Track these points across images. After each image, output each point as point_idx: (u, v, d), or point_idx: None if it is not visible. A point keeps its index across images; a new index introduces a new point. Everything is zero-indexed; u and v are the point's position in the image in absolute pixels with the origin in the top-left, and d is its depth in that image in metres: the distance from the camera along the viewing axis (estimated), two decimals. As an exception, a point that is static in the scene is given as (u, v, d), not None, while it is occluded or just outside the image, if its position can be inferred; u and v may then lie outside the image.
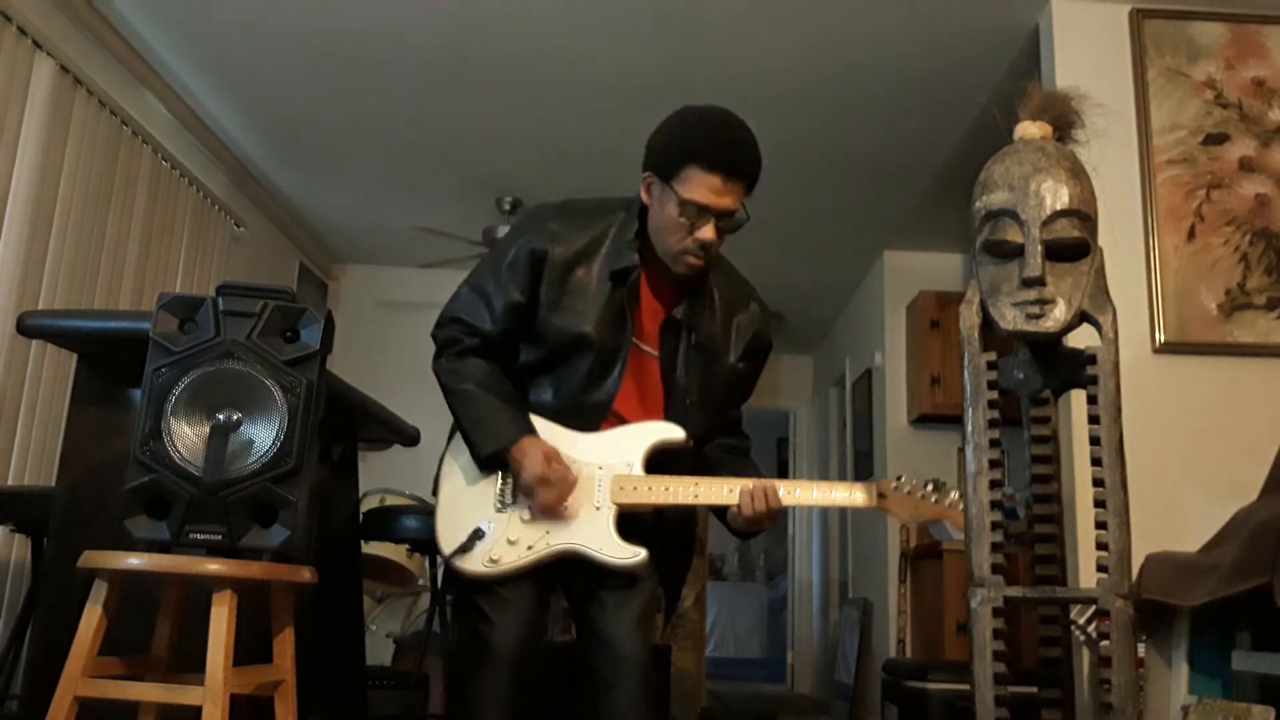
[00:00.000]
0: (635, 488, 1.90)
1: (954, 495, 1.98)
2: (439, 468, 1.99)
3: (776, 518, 1.92)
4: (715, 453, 2.08)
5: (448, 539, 1.89)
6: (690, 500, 1.91)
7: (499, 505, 1.91)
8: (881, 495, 1.96)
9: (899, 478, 1.98)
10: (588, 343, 1.92)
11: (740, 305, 2.06)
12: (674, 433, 1.94)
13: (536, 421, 1.94)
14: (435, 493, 1.98)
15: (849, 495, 1.95)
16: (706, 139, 1.86)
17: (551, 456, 1.87)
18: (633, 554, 1.87)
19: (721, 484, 1.92)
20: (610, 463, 1.92)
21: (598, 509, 1.89)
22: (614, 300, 1.94)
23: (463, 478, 1.95)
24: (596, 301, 1.93)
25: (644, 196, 1.95)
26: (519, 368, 1.99)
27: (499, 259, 1.99)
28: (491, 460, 1.89)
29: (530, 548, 1.87)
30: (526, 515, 1.89)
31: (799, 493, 1.92)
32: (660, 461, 1.94)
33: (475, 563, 1.87)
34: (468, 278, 2.03)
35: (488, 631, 1.86)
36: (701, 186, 1.85)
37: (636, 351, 1.97)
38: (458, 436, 1.98)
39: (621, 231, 1.97)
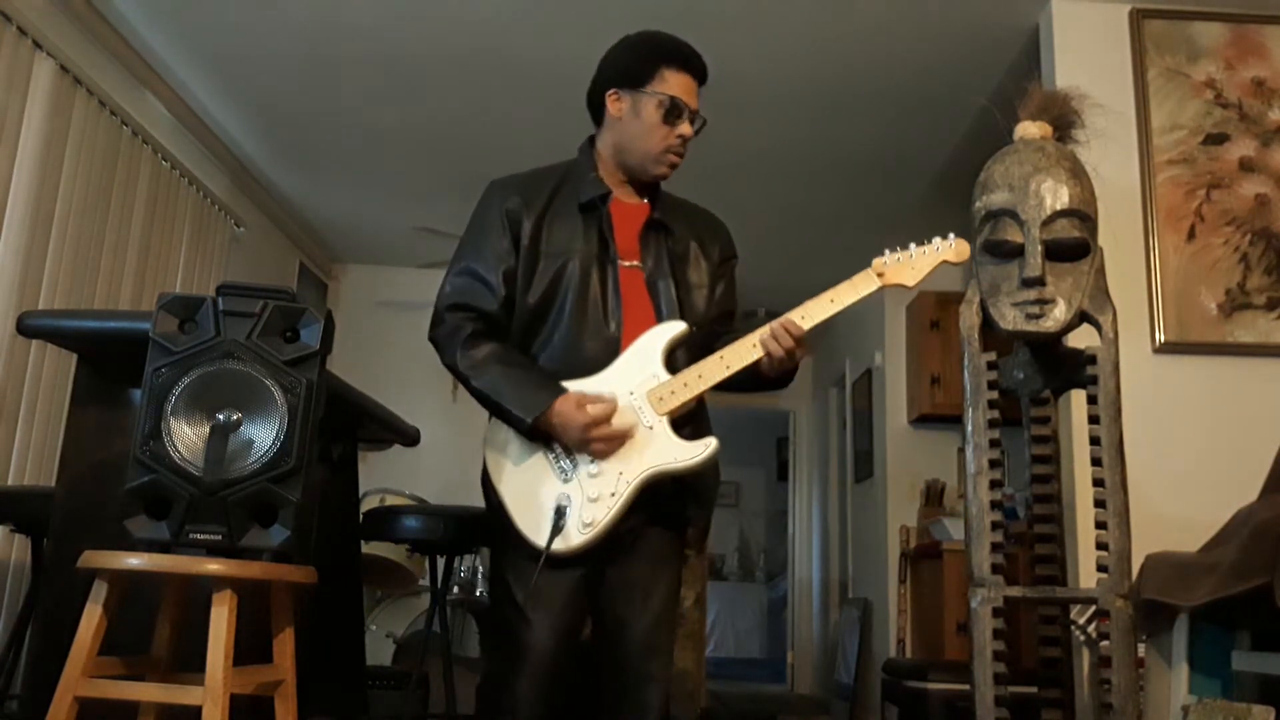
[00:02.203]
0: (672, 391, 1.93)
1: (948, 240, 2.05)
2: (484, 472, 1.98)
3: (805, 345, 1.97)
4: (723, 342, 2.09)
5: (534, 530, 1.88)
6: (724, 373, 1.95)
7: (563, 476, 1.91)
8: (880, 275, 2.02)
9: (885, 251, 2.04)
10: (573, 275, 1.96)
11: (700, 217, 2.16)
12: (675, 328, 1.97)
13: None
14: (491, 494, 1.96)
15: (855, 291, 2.00)
16: (674, 46, 2.06)
17: (584, 401, 1.88)
18: (704, 447, 1.92)
19: (742, 343, 1.96)
20: (636, 382, 1.94)
21: (651, 428, 1.92)
22: (589, 229, 2.01)
23: (515, 467, 1.94)
24: (574, 238, 2.00)
25: (613, 111, 2.05)
26: (522, 340, 2.00)
27: (476, 237, 2.02)
28: (534, 430, 1.89)
29: (614, 494, 1.89)
30: (594, 469, 1.90)
31: (813, 312, 1.98)
32: (678, 360, 1.98)
33: (573, 537, 1.87)
34: (450, 269, 2.04)
35: (525, 634, 1.87)
36: (678, 84, 2.02)
37: (624, 271, 2.01)
38: (492, 432, 1.98)
39: (577, 174, 2.07)
